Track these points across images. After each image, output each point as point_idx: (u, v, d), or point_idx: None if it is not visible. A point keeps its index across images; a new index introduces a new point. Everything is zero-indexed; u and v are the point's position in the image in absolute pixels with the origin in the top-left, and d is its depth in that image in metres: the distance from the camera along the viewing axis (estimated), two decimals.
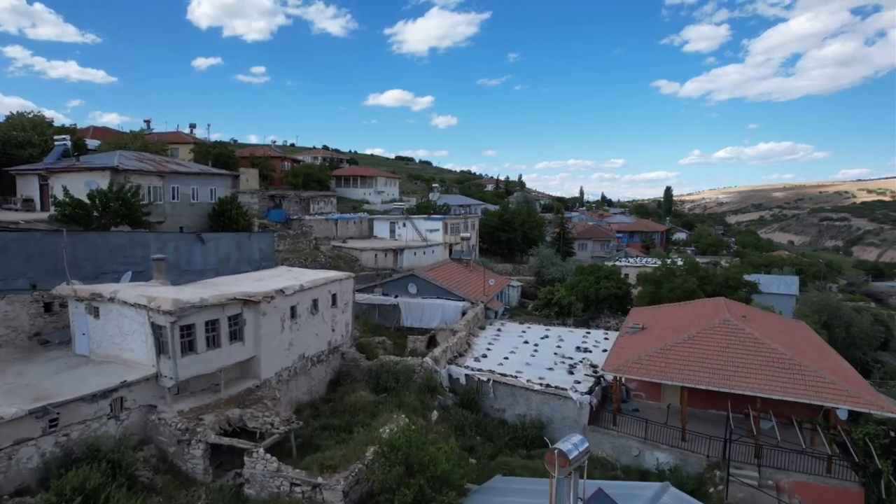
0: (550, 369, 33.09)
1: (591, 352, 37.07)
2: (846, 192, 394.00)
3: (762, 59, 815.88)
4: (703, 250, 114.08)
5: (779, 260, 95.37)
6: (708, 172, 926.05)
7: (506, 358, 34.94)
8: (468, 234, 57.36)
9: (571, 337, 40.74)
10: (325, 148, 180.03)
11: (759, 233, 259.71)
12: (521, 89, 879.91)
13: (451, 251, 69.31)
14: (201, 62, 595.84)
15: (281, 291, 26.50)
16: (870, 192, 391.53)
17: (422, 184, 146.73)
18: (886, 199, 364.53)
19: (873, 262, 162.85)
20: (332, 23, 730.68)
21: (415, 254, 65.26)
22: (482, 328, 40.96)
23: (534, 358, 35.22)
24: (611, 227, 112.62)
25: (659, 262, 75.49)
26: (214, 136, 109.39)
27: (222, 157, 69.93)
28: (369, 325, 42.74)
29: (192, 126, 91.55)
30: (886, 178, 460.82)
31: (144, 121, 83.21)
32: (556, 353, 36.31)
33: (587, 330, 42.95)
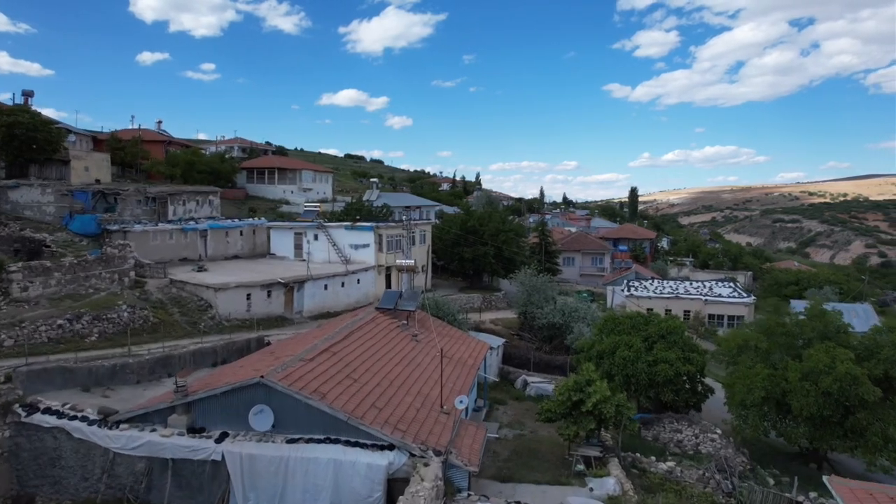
0: None
1: None
2: (790, 193, 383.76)
3: (708, 66, 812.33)
4: (702, 263, 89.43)
5: (809, 276, 71.00)
6: (657, 174, 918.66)
7: None
8: (411, 261, 29.52)
9: None
10: (268, 144, 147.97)
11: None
12: (475, 91, 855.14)
13: (388, 280, 41.56)
14: (147, 57, 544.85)
15: None
16: (811, 194, 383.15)
17: (368, 182, 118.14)
18: (827, 200, 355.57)
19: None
20: (284, 20, 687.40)
21: (325, 288, 37.40)
22: None
23: None
24: (596, 233, 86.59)
25: (712, 289, 47.39)
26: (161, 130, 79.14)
27: (19, 128, 40.79)
28: None
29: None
30: (821, 181, 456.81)
31: None
32: None
33: None
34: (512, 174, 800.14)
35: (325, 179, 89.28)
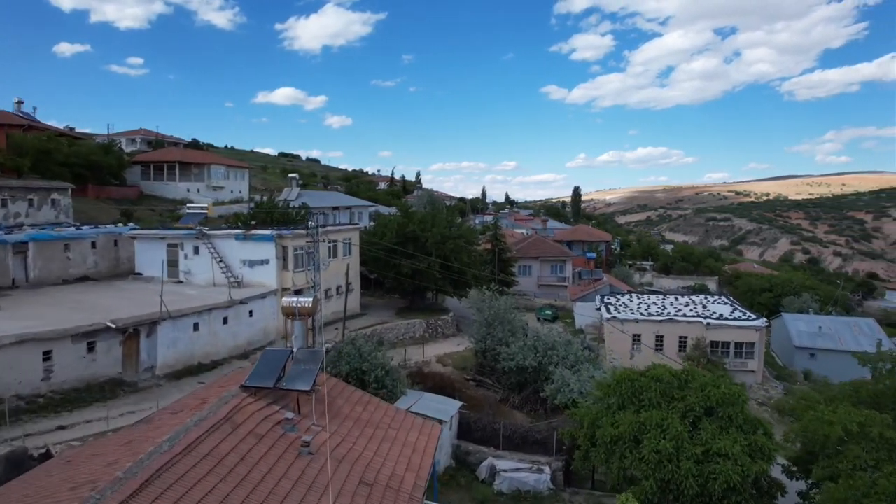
0: None
1: None
2: (718, 193, 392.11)
3: (641, 70, 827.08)
4: (662, 268, 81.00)
5: (783, 282, 63.17)
6: (593, 174, 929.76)
7: None
8: (307, 300, 17.77)
9: None
10: (194, 141, 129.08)
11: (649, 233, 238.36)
12: (415, 91, 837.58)
13: (294, 309, 29.05)
14: (66, 48, 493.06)
15: None
16: (737, 193, 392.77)
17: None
18: (752, 199, 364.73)
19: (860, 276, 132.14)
20: (217, 15, 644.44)
21: (196, 329, 24.78)
22: None
23: None
24: (553, 236, 76.30)
25: (707, 307, 35.81)
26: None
27: None
28: None
29: None
30: (745, 181, 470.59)
31: None
32: None
33: None
34: (452, 174, 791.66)
35: (240, 176, 75.33)
